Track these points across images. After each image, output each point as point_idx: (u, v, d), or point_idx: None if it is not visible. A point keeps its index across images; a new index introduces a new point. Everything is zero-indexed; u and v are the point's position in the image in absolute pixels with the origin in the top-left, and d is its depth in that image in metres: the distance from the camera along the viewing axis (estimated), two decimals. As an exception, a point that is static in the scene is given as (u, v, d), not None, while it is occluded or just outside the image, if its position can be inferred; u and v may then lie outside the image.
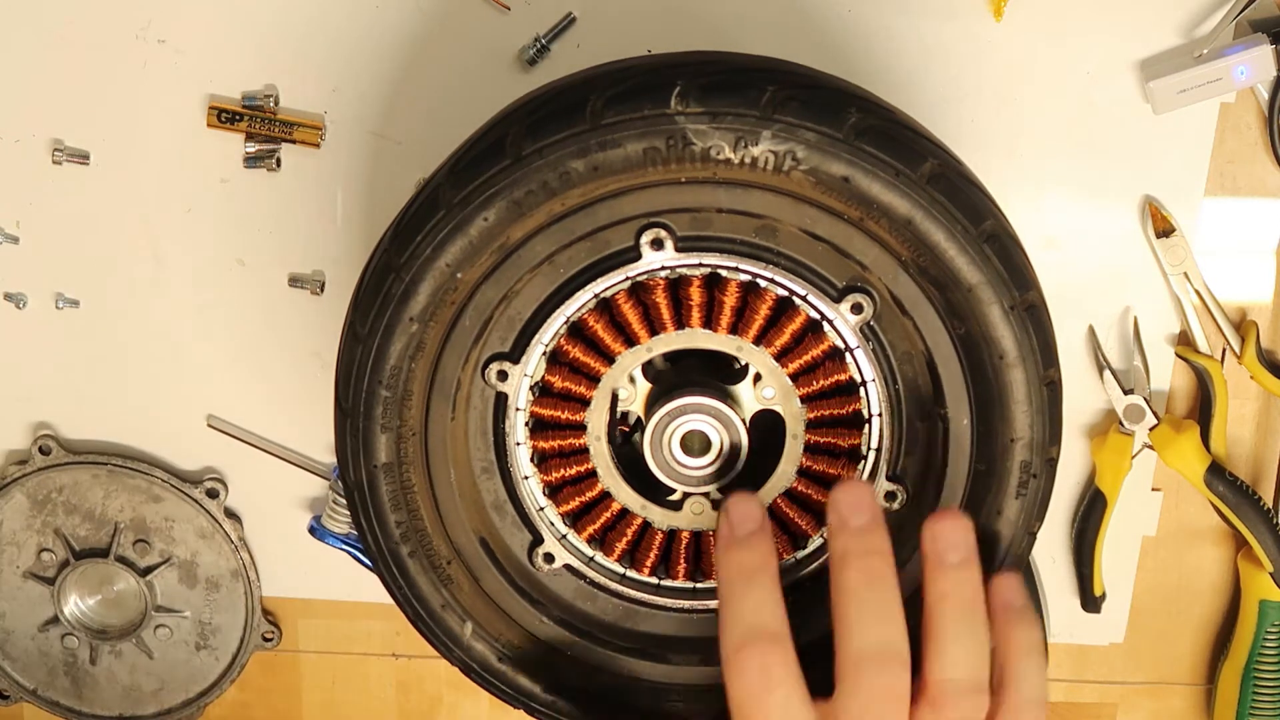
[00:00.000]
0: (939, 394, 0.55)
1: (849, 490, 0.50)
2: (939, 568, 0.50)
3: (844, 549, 0.50)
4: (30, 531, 0.76)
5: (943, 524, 0.50)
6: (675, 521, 0.59)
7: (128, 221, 0.71)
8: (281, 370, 0.73)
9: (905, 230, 0.51)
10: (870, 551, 0.50)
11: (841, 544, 0.50)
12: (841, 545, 0.50)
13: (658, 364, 0.59)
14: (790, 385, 0.56)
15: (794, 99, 0.50)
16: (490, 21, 0.67)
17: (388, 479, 0.56)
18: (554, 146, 0.51)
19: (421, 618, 0.58)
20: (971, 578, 0.50)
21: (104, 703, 0.80)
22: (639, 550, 0.60)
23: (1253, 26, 0.66)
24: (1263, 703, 0.74)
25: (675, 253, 0.54)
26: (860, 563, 0.49)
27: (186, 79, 0.68)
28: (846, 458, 0.58)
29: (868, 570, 0.49)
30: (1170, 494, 0.73)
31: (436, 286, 0.53)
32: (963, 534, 0.50)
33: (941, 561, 0.50)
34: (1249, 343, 0.69)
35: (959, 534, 0.50)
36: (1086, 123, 0.67)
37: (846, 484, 0.50)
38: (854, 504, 0.50)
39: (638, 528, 0.59)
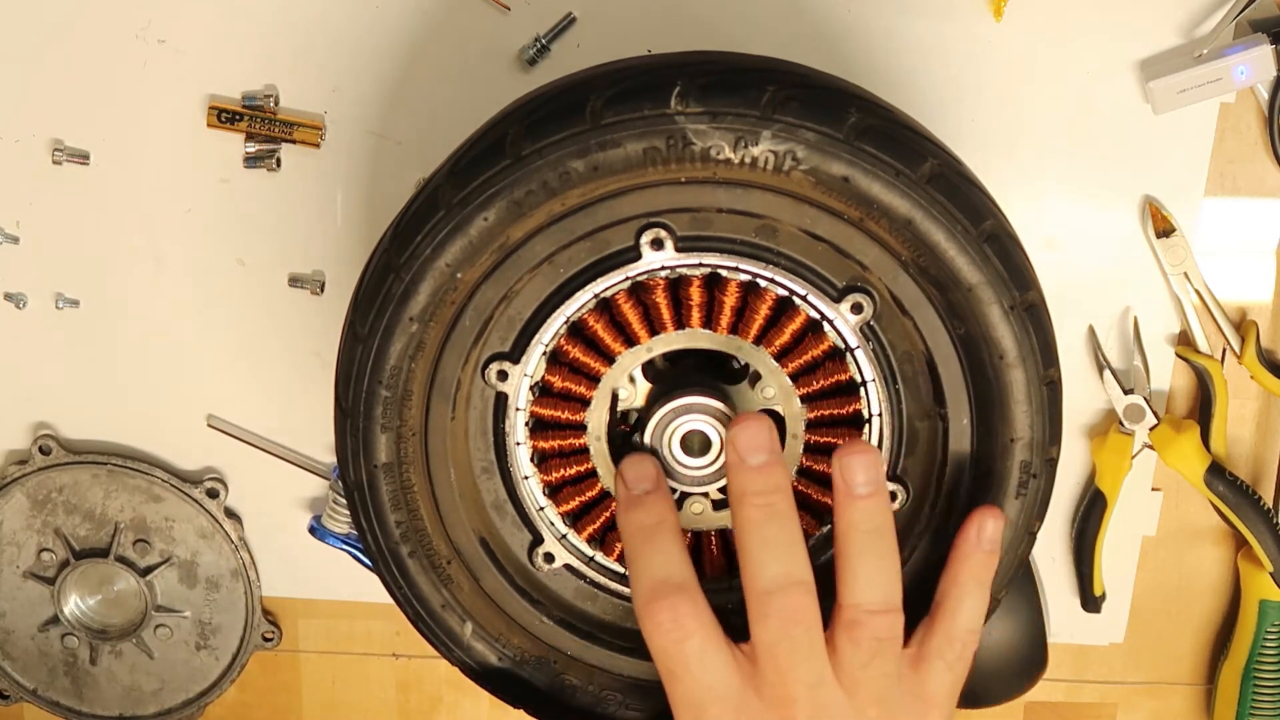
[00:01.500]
0: (939, 394, 0.55)
1: (746, 428, 0.51)
2: (848, 498, 0.51)
3: (742, 488, 0.51)
4: (30, 531, 0.76)
5: (851, 457, 0.51)
6: (675, 521, 0.59)
7: (128, 221, 0.71)
8: (281, 370, 0.73)
9: (905, 230, 0.51)
10: (768, 489, 0.51)
11: (740, 483, 0.51)
12: (740, 484, 0.51)
13: (658, 364, 0.59)
14: (790, 385, 0.56)
15: (794, 99, 0.50)
16: (490, 21, 0.67)
17: (388, 479, 0.56)
18: (554, 146, 0.51)
19: (421, 618, 0.58)
20: (879, 506, 0.51)
21: (104, 703, 0.80)
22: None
23: (1253, 26, 0.66)
24: (1263, 703, 0.74)
25: (675, 253, 0.54)
26: (759, 499, 0.50)
27: (186, 79, 0.68)
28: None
29: (767, 507, 0.50)
30: (1170, 494, 0.73)
31: (436, 286, 0.53)
32: (872, 466, 0.51)
33: (850, 492, 0.51)
34: (1249, 343, 0.69)
35: (868, 467, 0.51)
36: (1086, 123, 0.67)
37: (745, 422, 0.51)
38: (751, 443, 0.51)
39: (638, 528, 0.59)
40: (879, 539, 0.51)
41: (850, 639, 0.51)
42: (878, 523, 0.51)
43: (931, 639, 0.53)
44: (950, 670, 0.53)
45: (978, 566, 0.53)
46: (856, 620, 0.51)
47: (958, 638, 0.53)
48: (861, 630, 0.51)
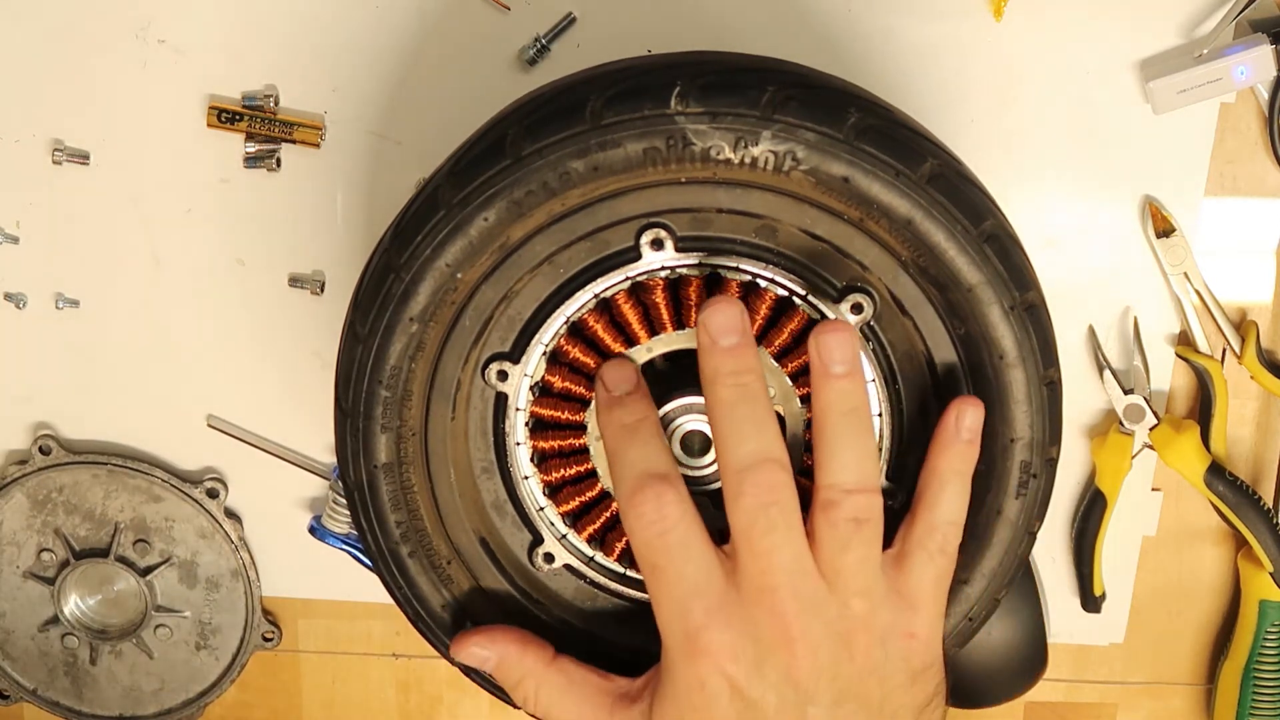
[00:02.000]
0: (939, 394, 0.55)
1: (718, 310, 0.50)
2: (824, 378, 0.50)
3: (714, 368, 0.50)
4: (30, 531, 0.76)
5: (828, 335, 0.50)
6: (675, 521, 0.59)
7: (128, 221, 0.71)
8: (281, 370, 0.73)
9: (905, 230, 0.51)
10: (740, 370, 0.50)
11: (712, 364, 0.50)
12: (712, 365, 0.50)
13: (658, 364, 0.59)
14: (790, 385, 0.56)
15: (794, 99, 0.50)
16: (490, 21, 0.67)
17: (388, 479, 0.56)
18: (554, 146, 0.51)
19: (421, 618, 0.58)
20: (855, 387, 0.51)
21: (104, 703, 0.80)
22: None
23: (1253, 26, 0.66)
24: (1263, 703, 0.74)
25: (675, 253, 0.54)
26: (730, 380, 0.50)
27: (186, 79, 0.68)
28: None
29: (738, 387, 0.50)
30: (1170, 494, 0.73)
31: (436, 286, 0.53)
32: (849, 345, 0.51)
33: (827, 372, 0.50)
34: (1249, 343, 0.69)
35: (845, 346, 0.50)
36: (1086, 123, 0.67)
37: (716, 303, 0.50)
38: (723, 325, 0.50)
39: (638, 528, 0.59)
40: (855, 419, 0.50)
41: (828, 520, 0.50)
42: (854, 403, 0.50)
43: (912, 532, 0.52)
44: (932, 562, 0.52)
45: (956, 457, 0.53)
46: (832, 500, 0.50)
47: (938, 528, 0.52)
48: (838, 510, 0.50)
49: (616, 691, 0.54)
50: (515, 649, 0.55)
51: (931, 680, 0.53)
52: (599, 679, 0.55)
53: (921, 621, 0.52)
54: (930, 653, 0.53)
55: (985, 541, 0.55)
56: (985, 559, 0.55)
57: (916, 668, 0.52)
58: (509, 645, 0.55)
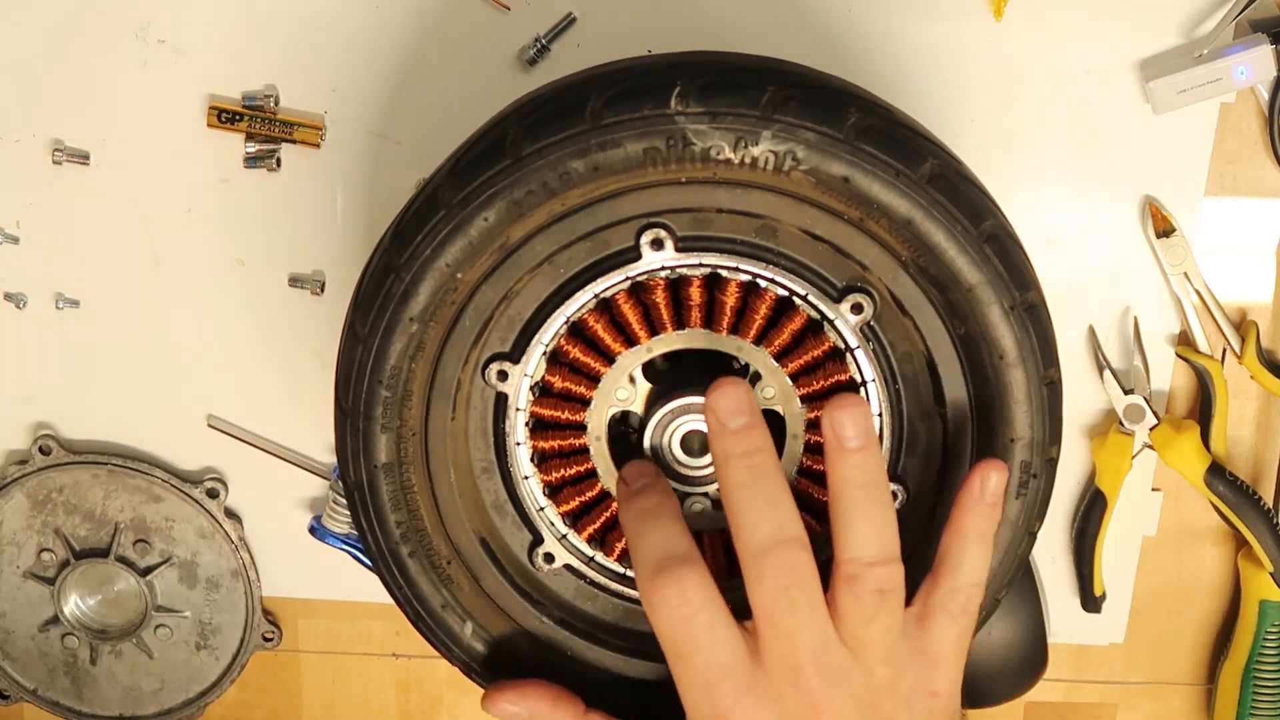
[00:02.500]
0: (939, 394, 0.55)
1: (724, 394, 0.50)
2: (839, 452, 0.50)
3: (725, 451, 0.50)
4: (30, 531, 0.76)
5: (840, 411, 0.50)
6: (675, 521, 0.59)
7: (128, 221, 0.71)
8: (281, 370, 0.73)
9: (905, 230, 0.51)
10: (751, 450, 0.50)
11: (722, 447, 0.50)
12: (723, 448, 0.50)
13: (658, 364, 0.59)
14: (790, 385, 0.56)
15: (794, 99, 0.50)
16: (490, 21, 0.67)
17: (388, 479, 0.56)
18: (554, 147, 0.51)
19: (421, 618, 0.58)
20: (871, 459, 0.50)
21: (104, 703, 0.80)
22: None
23: (1253, 26, 0.66)
24: (1263, 703, 0.74)
25: (675, 253, 0.54)
26: (742, 462, 0.50)
27: (186, 79, 0.68)
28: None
29: (752, 469, 0.50)
30: (1170, 494, 0.73)
31: (436, 286, 0.53)
32: (862, 419, 0.50)
33: (842, 447, 0.50)
34: (1249, 343, 0.69)
35: (858, 420, 0.50)
36: (1086, 123, 0.67)
37: (722, 386, 0.50)
38: (731, 407, 0.50)
39: (638, 528, 0.59)
40: (873, 492, 0.50)
41: (852, 594, 0.50)
42: (870, 476, 0.50)
43: (935, 593, 0.52)
44: (955, 623, 0.52)
45: (980, 519, 0.53)
46: (856, 574, 0.50)
47: (962, 590, 0.52)
48: (862, 584, 0.50)
49: None
50: (547, 706, 0.55)
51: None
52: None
53: (944, 679, 0.53)
54: (952, 706, 0.53)
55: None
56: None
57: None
58: (540, 701, 0.55)
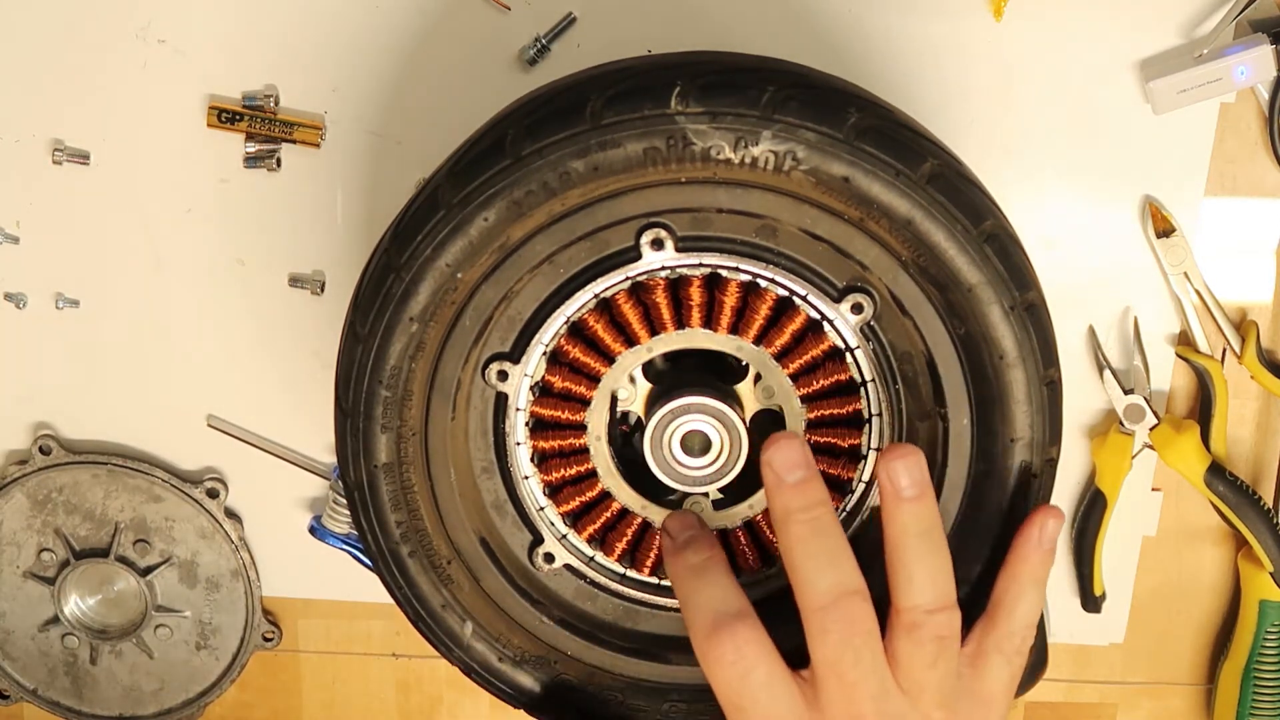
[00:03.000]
0: (939, 394, 0.55)
1: (782, 448, 0.50)
2: (896, 501, 0.51)
3: (785, 507, 0.50)
4: (30, 531, 0.76)
5: (896, 460, 0.51)
6: (675, 521, 0.59)
7: (128, 221, 0.71)
8: (281, 370, 0.73)
9: (905, 230, 0.51)
10: (811, 504, 0.50)
11: (782, 502, 0.51)
12: (782, 504, 0.51)
13: (658, 364, 0.59)
14: (790, 385, 0.56)
15: (794, 99, 0.50)
16: (490, 21, 0.67)
17: (388, 479, 0.56)
18: (554, 146, 0.51)
19: (421, 618, 0.58)
20: (928, 507, 0.51)
21: (104, 703, 0.80)
22: (639, 550, 0.60)
23: (1253, 26, 0.66)
24: (1263, 703, 0.74)
25: (675, 253, 0.54)
26: (802, 516, 0.50)
27: (186, 79, 0.68)
28: (846, 457, 0.58)
29: (811, 522, 0.50)
30: (1170, 494, 0.73)
31: (436, 286, 0.53)
32: (917, 468, 0.51)
33: (899, 497, 0.51)
34: (1249, 343, 0.69)
35: (914, 470, 0.51)
36: (1086, 123, 0.67)
37: (779, 442, 0.51)
38: (788, 461, 0.50)
39: (638, 528, 0.59)
40: (930, 540, 0.51)
41: (912, 641, 0.51)
42: (928, 523, 0.51)
43: (990, 636, 0.53)
44: (1009, 665, 0.53)
45: (1037, 565, 0.54)
46: (916, 622, 0.51)
47: (1016, 633, 0.53)
48: (923, 631, 0.51)
49: None
50: None
51: None
52: None
53: (993, 716, 0.53)
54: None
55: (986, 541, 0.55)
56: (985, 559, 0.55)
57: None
58: None
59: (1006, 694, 0.54)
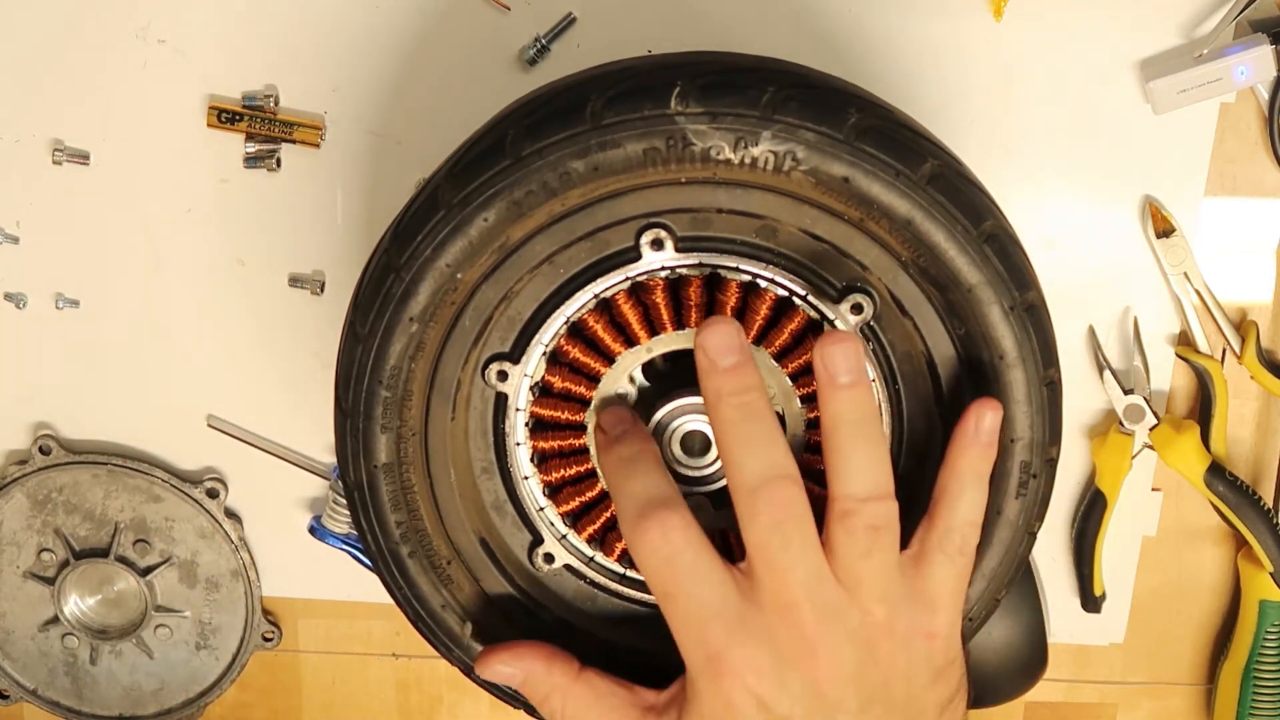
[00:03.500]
0: (939, 394, 0.55)
1: (715, 332, 0.50)
2: (832, 389, 0.50)
3: (716, 390, 0.50)
4: (30, 531, 0.76)
5: (832, 347, 0.50)
6: (675, 521, 0.59)
7: (128, 221, 0.71)
8: (281, 370, 0.73)
9: (905, 230, 0.51)
10: (742, 388, 0.50)
11: (714, 385, 0.50)
12: (714, 386, 0.50)
13: (658, 364, 0.59)
14: (790, 385, 0.56)
15: (794, 99, 0.50)
16: (490, 21, 0.67)
17: (388, 479, 0.56)
18: (554, 147, 0.51)
19: (421, 618, 0.58)
20: (863, 394, 0.50)
21: (104, 703, 0.80)
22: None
23: (1253, 26, 0.66)
24: (1263, 703, 0.74)
25: (675, 253, 0.54)
26: (734, 399, 0.50)
27: (186, 79, 0.68)
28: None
29: (743, 406, 0.49)
30: (1170, 494, 0.73)
31: (436, 286, 0.53)
32: (853, 354, 0.50)
33: (834, 383, 0.50)
34: (1249, 343, 0.69)
35: (849, 355, 0.50)
36: (1086, 123, 0.67)
37: (712, 325, 0.50)
38: (722, 345, 0.50)
39: (638, 528, 0.59)
40: (865, 427, 0.50)
41: (845, 529, 0.49)
42: (863, 411, 0.50)
43: (931, 534, 0.52)
44: (952, 564, 0.52)
45: (976, 459, 0.52)
46: (849, 510, 0.49)
47: (957, 530, 0.52)
48: (855, 519, 0.49)
49: (643, 704, 0.54)
50: (541, 665, 0.55)
51: (953, 676, 0.53)
52: (625, 691, 0.54)
53: (941, 621, 0.52)
54: (951, 650, 0.53)
55: (985, 542, 0.55)
56: (985, 559, 0.55)
57: (939, 665, 0.52)
58: (535, 661, 0.55)
59: (953, 596, 0.52)
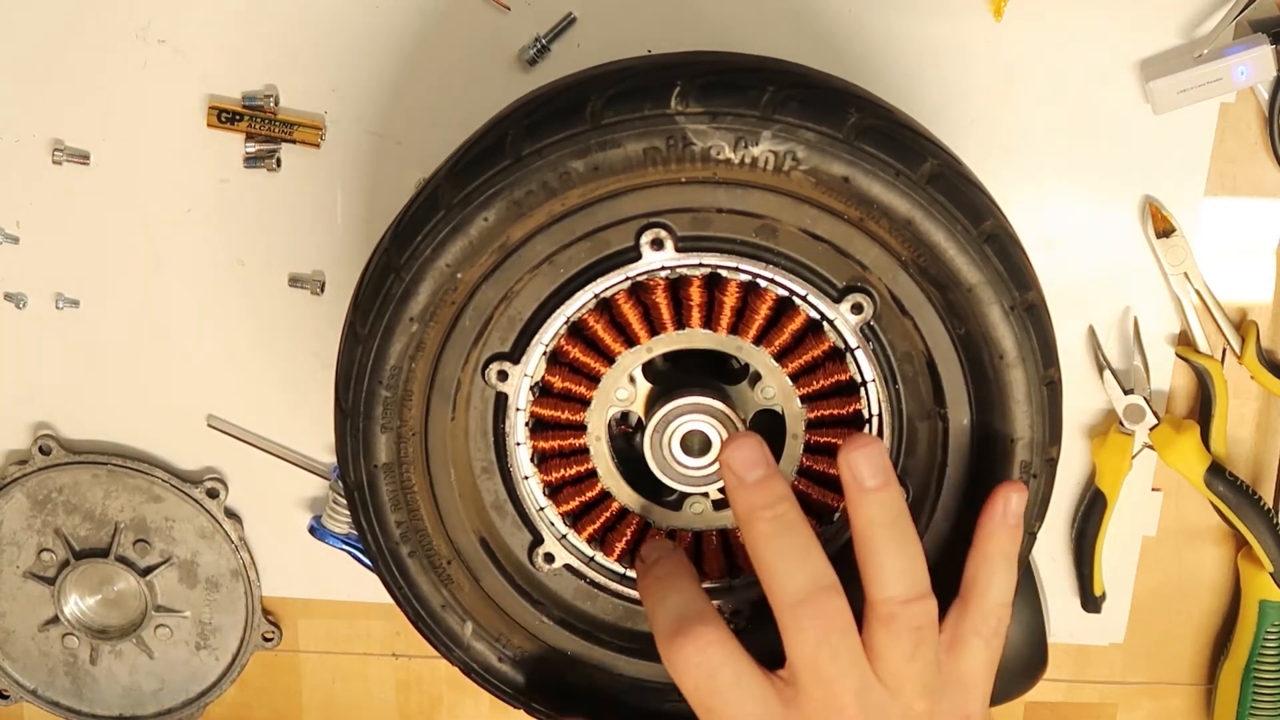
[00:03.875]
0: (939, 394, 0.55)
1: (739, 447, 0.50)
2: (859, 493, 0.50)
3: (748, 505, 0.50)
4: (30, 531, 0.76)
5: (855, 452, 0.50)
6: (675, 521, 0.59)
7: (128, 221, 0.71)
8: (281, 370, 0.73)
9: (905, 230, 0.51)
10: (775, 500, 0.50)
11: (745, 501, 0.50)
12: (745, 503, 0.50)
13: (658, 364, 0.59)
14: (790, 385, 0.56)
15: (794, 99, 0.50)
16: (490, 21, 0.67)
17: (388, 479, 0.56)
18: (554, 147, 0.51)
19: (421, 618, 0.58)
20: (892, 496, 0.50)
21: (104, 703, 0.80)
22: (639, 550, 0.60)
23: (1253, 26, 0.66)
24: (1263, 703, 0.74)
25: (675, 253, 0.54)
26: (767, 514, 0.50)
27: (186, 79, 0.68)
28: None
29: (777, 519, 0.50)
30: (1170, 494, 0.73)
31: (436, 286, 0.53)
32: (878, 458, 0.50)
33: (861, 488, 0.50)
34: (1249, 343, 0.69)
35: (873, 459, 0.50)
36: (1086, 123, 0.67)
37: (735, 441, 0.50)
38: (747, 460, 0.50)
39: (637, 527, 0.59)
40: (897, 528, 0.50)
41: (890, 633, 0.50)
42: (894, 512, 0.50)
43: (966, 619, 0.53)
44: (987, 647, 0.53)
45: (1005, 541, 0.53)
46: (893, 614, 0.50)
47: (992, 613, 0.53)
48: (899, 623, 0.50)
49: None
50: None
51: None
52: None
53: (976, 700, 0.53)
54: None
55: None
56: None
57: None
58: None
59: (987, 676, 0.53)
